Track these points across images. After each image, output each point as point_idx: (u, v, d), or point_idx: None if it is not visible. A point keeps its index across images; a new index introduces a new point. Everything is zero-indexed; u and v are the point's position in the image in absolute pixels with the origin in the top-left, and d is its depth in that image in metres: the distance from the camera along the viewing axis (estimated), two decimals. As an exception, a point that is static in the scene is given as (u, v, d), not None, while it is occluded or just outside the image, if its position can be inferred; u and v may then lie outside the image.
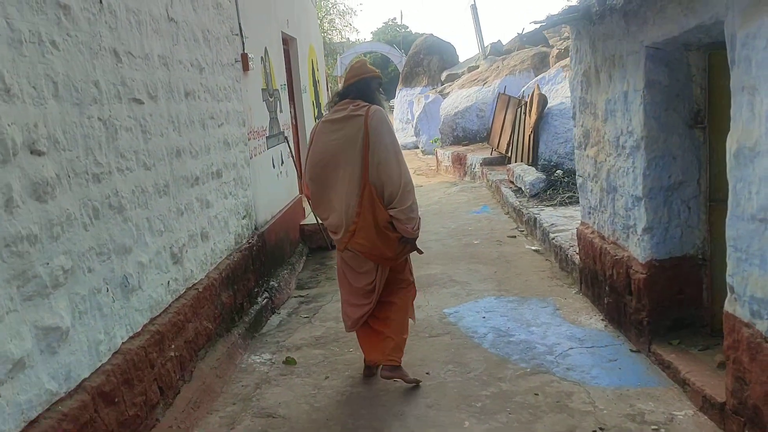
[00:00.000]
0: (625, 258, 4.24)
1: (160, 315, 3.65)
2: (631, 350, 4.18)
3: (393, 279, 3.96)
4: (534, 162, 9.63)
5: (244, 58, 5.93)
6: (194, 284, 4.23)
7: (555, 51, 13.27)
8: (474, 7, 18.58)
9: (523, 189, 8.79)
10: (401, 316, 3.97)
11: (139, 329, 3.39)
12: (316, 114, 10.53)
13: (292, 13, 8.99)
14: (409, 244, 3.83)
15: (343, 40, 40.75)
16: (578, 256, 5.49)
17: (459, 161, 13.26)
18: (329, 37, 40.82)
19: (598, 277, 4.81)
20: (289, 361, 4.52)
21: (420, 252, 4.01)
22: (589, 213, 5.04)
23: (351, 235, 3.73)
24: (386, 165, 3.64)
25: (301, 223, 7.99)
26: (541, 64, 14.76)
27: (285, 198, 7.37)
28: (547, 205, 7.85)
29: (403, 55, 33.09)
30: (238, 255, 5.20)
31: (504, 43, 19.55)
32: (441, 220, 8.97)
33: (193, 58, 4.56)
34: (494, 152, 12.24)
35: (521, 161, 10.11)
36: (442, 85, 19.53)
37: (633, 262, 4.12)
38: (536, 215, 7.37)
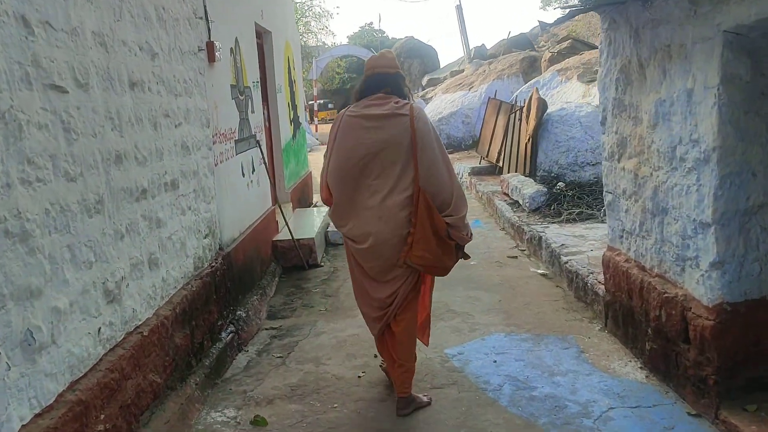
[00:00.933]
0: (679, 297, 3.41)
1: (84, 376, 2.72)
2: (690, 414, 3.35)
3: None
4: (532, 173, 8.84)
5: (210, 47, 5.01)
6: (137, 327, 3.31)
7: (547, 55, 12.57)
8: (459, 8, 17.83)
9: (521, 203, 7.98)
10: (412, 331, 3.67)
11: (52, 401, 2.46)
12: (292, 117, 9.62)
13: (268, 3, 8.08)
14: (461, 250, 3.61)
15: (318, 44, 39.86)
16: (602, 286, 4.67)
17: (444, 170, 12.43)
18: (304, 39, 39.92)
19: (634, 316, 3.98)
20: (258, 422, 3.60)
21: (467, 257, 3.79)
22: (622, 237, 4.22)
23: (409, 249, 3.35)
24: (436, 170, 3.34)
25: (274, 238, 7.07)
26: (530, 68, 14.05)
27: (256, 211, 6.45)
28: (552, 222, 7.04)
29: (381, 59, 32.19)
30: (198, 283, 4.27)
31: (488, 47, 18.85)
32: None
33: (143, 40, 3.64)
34: (483, 161, 11.46)
35: (516, 172, 9.30)
36: (424, 89, 18.74)
37: (693, 303, 3.29)
38: (541, 234, 6.55)
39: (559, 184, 8.08)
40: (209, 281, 4.49)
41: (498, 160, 10.66)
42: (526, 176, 8.72)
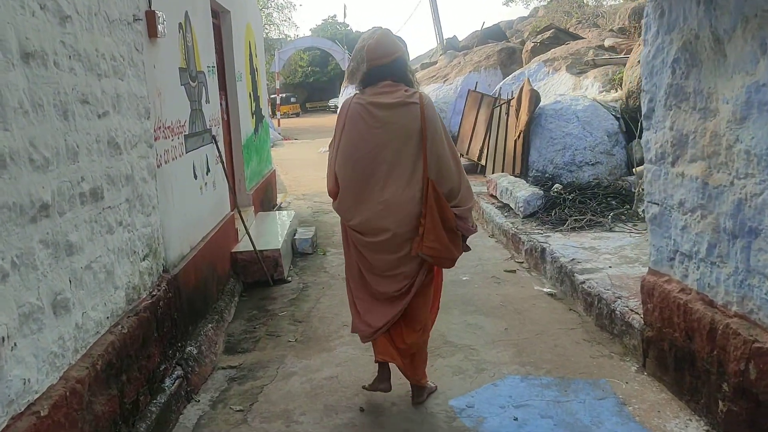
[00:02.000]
0: (779, 349, 2.55)
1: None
2: None
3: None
4: (523, 173, 7.98)
5: (151, 18, 3.99)
6: (31, 405, 2.30)
7: (529, 45, 11.77)
8: (432, -4, 16.88)
9: (512, 207, 7.11)
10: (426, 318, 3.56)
11: None
12: (253, 108, 8.59)
13: (225, -22, 7.03)
14: (465, 242, 3.48)
15: (281, 36, 38.58)
16: (638, 316, 3.82)
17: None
18: (267, 31, 38.71)
19: (696, 363, 3.12)
20: None
21: (468, 249, 3.55)
22: (674, 260, 3.35)
23: (420, 239, 3.27)
24: (444, 160, 3.30)
25: (233, 250, 6.06)
26: (509, 60, 13.24)
27: (212, 219, 5.44)
28: (553, 230, 6.17)
29: (346, 51, 31.23)
30: (132, 321, 3.27)
31: (460, 39, 18.00)
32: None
33: (46, -5, 2.62)
34: (463, 158, 10.56)
35: (504, 171, 8.43)
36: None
37: (804, 360, 2.43)
38: (543, 245, 5.68)
39: (556, 186, 7.23)
40: (148, 316, 3.49)
41: (480, 158, 9.80)
42: (516, 176, 7.85)
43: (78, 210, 2.78)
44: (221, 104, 7.03)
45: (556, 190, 7.05)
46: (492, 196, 7.98)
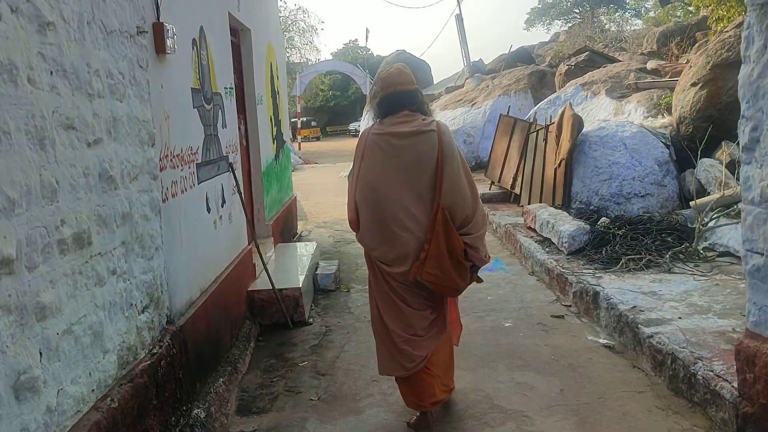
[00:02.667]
0: None
1: None
2: None
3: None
4: (565, 204, 7.37)
5: (159, 31, 3.49)
6: None
7: (563, 68, 11.20)
8: (460, 18, 16.43)
9: (555, 242, 6.49)
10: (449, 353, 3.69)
11: None
12: (275, 133, 8.10)
13: (246, -6, 6.58)
14: (476, 273, 3.48)
15: (303, 60, 38.45)
16: (729, 385, 3.18)
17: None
18: (288, 55, 38.67)
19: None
20: None
21: (480, 281, 3.59)
22: (786, 323, 2.73)
23: (421, 265, 3.26)
24: (460, 187, 3.27)
25: (250, 288, 5.50)
26: (539, 83, 12.70)
27: (227, 255, 4.90)
28: (604, 270, 5.54)
29: (368, 75, 30.88)
30: (125, 391, 2.71)
31: (486, 63, 17.50)
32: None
33: (20, -4, 2.11)
34: (494, 186, 10.00)
35: (542, 202, 7.82)
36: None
37: None
38: (596, 288, 5.06)
39: (603, 219, 6.61)
40: (146, 381, 2.92)
41: (513, 187, 9.20)
42: (557, 208, 7.24)
43: (55, 261, 2.24)
44: (240, 129, 6.54)
45: (603, 224, 6.42)
46: (530, 228, 7.37)
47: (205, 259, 4.26)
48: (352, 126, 43.36)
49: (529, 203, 8.22)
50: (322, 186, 16.24)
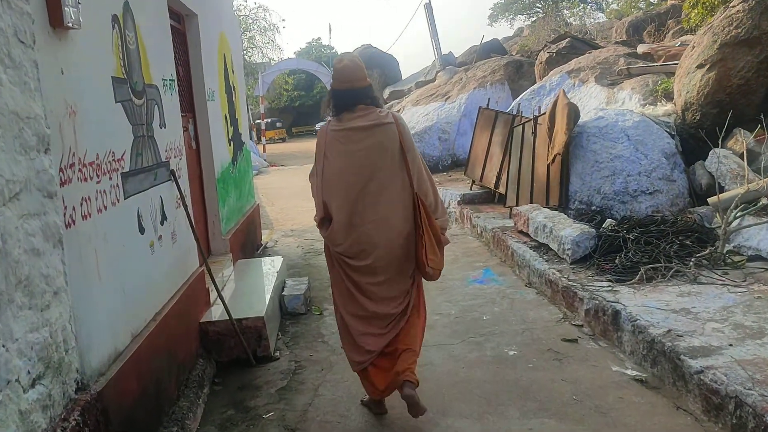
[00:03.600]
0: None
1: None
2: None
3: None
4: (563, 205, 6.58)
5: (53, -3, 2.58)
6: None
7: (544, 56, 10.44)
8: (429, 7, 15.57)
9: (555, 248, 5.70)
10: (419, 330, 3.55)
11: None
12: (231, 134, 7.18)
13: (190, -27, 5.65)
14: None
15: (265, 60, 37.27)
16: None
17: (423, 197, 10.09)
18: (249, 55, 37.59)
19: None
20: None
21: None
22: None
23: (424, 256, 3.34)
24: (423, 174, 3.42)
25: (203, 320, 4.60)
26: (516, 74, 11.96)
27: (170, 284, 3.99)
28: (619, 282, 4.76)
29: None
30: None
31: (456, 56, 16.74)
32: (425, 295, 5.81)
33: None
34: (475, 186, 9.20)
35: (531, 201, 7.03)
36: (386, 103, 16.46)
37: None
38: (615, 305, 4.27)
39: (608, 221, 5.83)
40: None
41: (497, 186, 8.41)
42: (553, 209, 6.45)
43: None
44: (188, 129, 5.63)
45: (609, 226, 5.64)
46: (522, 233, 6.58)
47: (138, 294, 3.36)
48: (318, 126, 42.22)
49: (517, 204, 7.43)
50: (289, 190, 15.30)
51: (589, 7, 42.77)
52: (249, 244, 7.52)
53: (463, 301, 5.53)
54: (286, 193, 14.68)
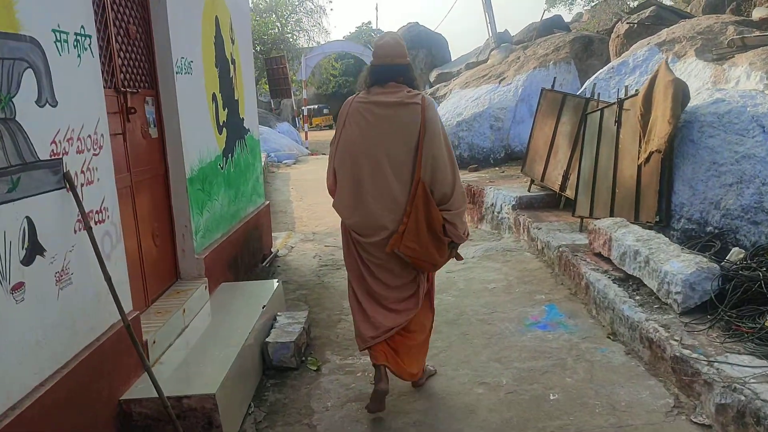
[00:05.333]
0: None
1: None
2: None
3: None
4: (663, 221, 4.81)
5: None
6: None
7: (623, 27, 8.58)
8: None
9: (654, 288, 3.97)
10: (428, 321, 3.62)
11: None
12: (224, 119, 5.65)
13: None
14: (455, 249, 3.46)
15: (312, 44, 35.83)
16: None
17: (470, 198, 8.39)
18: (295, 38, 36.28)
19: None
20: None
21: (459, 258, 3.53)
22: None
23: (399, 237, 3.26)
24: (440, 162, 3.25)
25: (124, 397, 3.08)
26: (584, 53, 10.14)
27: (47, 354, 2.47)
28: (760, 349, 3.04)
29: (380, 56, 28.17)
30: None
31: (513, 34, 14.90)
32: (464, 348, 4.17)
33: None
34: (534, 186, 7.47)
35: (612, 213, 5.28)
36: (432, 86, 14.74)
37: None
38: (778, 410, 2.55)
39: (734, 250, 4.06)
40: None
41: (564, 188, 6.67)
42: (646, 226, 4.70)
43: None
44: (145, 111, 4.11)
45: (738, 260, 3.89)
46: (599, 256, 4.86)
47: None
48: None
49: (591, 214, 5.70)
50: (322, 181, 13.78)
51: (656, -14, 39.97)
52: (248, 257, 6.00)
53: (519, 362, 3.87)
54: (319, 186, 13.17)
